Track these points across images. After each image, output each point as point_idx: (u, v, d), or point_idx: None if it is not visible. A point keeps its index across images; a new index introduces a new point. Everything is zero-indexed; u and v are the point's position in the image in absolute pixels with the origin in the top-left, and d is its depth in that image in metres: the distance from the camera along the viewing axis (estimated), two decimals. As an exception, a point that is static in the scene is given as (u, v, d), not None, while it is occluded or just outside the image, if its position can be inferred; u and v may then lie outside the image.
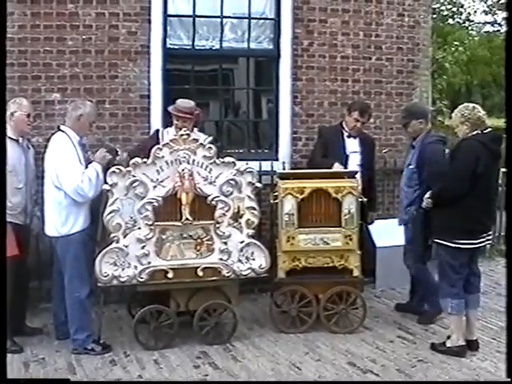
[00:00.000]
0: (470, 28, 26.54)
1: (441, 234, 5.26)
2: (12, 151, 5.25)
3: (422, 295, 6.21)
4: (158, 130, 6.15)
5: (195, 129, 5.91)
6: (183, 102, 5.85)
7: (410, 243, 6.06)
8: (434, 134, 6.11)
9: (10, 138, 5.26)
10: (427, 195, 5.41)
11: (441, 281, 5.38)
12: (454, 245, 5.16)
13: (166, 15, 6.85)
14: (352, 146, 6.36)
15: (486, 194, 5.19)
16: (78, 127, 5.28)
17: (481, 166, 5.05)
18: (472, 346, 5.41)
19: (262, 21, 7.27)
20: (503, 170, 5.68)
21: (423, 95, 7.91)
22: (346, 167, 6.14)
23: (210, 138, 5.94)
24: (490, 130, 5.23)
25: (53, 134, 5.35)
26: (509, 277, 4.88)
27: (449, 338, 5.39)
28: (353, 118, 6.30)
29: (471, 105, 5.31)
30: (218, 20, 7.08)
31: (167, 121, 6.74)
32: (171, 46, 6.95)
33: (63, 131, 5.26)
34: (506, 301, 5.29)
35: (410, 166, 6.01)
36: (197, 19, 7.02)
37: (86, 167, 5.19)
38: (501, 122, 14.49)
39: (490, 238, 5.43)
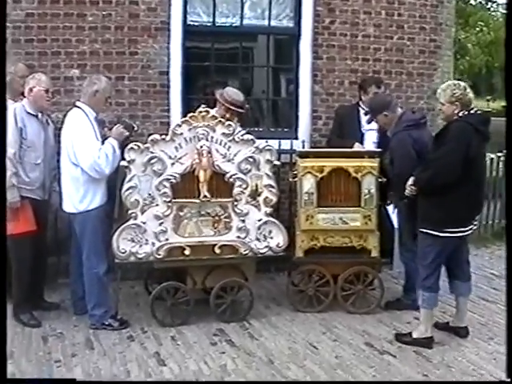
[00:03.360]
0: (491, 9, 26.16)
1: (428, 223, 4.99)
2: (31, 126, 5.27)
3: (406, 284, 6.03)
4: None
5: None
6: (236, 94, 5.70)
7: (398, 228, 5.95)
8: (405, 119, 5.50)
9: (29, 113, 5.26)
10: (410, 182, 5.08)
11: (419, 271, 5.19)
12: (443, 234, 4.93)
13: (186, -9, 6.79)
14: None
15: (476, 179, 4.96)
16: (94, 103, 5.24)
17: (472, 150, 4.80)
18: (461, 332, 5.32)
19: (282, -2, 7.19)
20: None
21: (445, 76, 7.78)
22: (361, 144, 6.09)
23: (244, 132, 5.76)
24: (476, 110, 4.95)
25: (68, 110, 5.34)
26: (508, 271, 4.70)
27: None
28: (372, 94, 6.19)
29: (462, 84, 5.01)
30: (239, -3, 7.01)
31: (186, 98, 6.74)
32: (191, 23, 6.88)
33: (79, 107, 5.23)
34: (506, 303, 5.24)
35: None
36: (217, -4, 6.96)
37: (103, 143, 5.17)
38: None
39: (475, 223, 5.25)
